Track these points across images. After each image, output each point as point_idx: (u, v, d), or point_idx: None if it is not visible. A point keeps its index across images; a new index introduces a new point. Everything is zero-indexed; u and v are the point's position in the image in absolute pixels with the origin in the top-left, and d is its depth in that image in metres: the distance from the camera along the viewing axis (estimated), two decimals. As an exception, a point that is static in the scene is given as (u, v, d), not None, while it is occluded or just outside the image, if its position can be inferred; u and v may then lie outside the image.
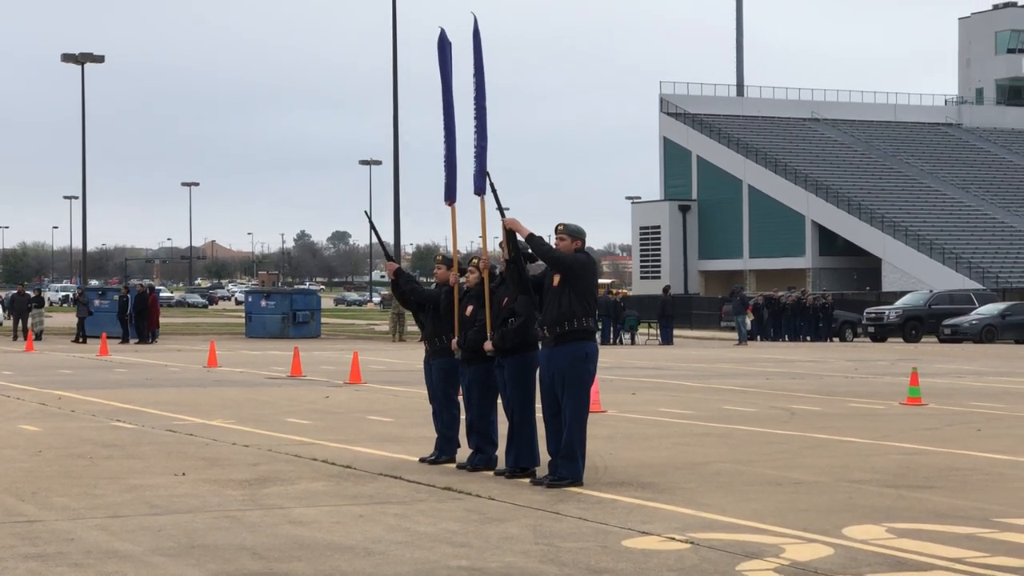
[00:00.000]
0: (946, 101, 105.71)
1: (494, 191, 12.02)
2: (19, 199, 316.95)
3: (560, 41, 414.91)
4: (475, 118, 12.56)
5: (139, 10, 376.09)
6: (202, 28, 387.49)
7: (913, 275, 77.41)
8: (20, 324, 46.56)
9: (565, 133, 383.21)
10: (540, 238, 11.36)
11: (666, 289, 55.15)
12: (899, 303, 55.47)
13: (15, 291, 49.06)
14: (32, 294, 48.06)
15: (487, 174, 12.18)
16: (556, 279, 11.31)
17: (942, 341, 50.26)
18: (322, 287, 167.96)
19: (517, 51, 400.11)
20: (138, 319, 45.34)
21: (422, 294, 13.21)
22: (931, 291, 58.69)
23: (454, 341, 12.59)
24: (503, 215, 11.71)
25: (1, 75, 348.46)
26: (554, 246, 11.44)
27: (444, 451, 12.97)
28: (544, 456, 11.74)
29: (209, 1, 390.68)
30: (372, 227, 12.38)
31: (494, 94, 12.44)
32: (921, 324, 52.58)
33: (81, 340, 44.79)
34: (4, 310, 58.09)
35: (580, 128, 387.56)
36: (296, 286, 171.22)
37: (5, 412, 18.62)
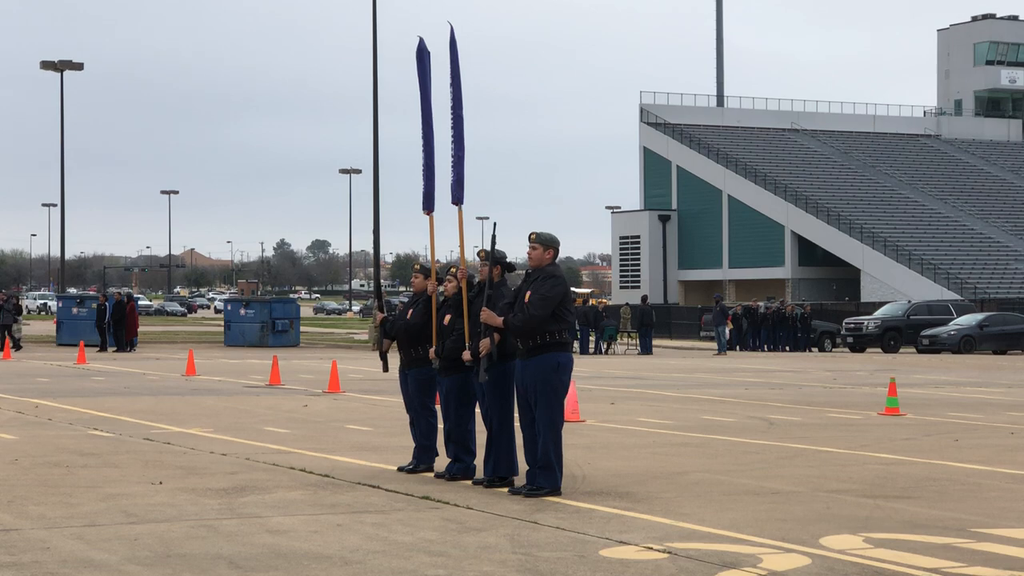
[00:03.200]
0: (925, 112, 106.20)
1: (493, 241, 11.89)
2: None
3: (540, 50, 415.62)
4: (452, 127, 12.57)
5: (118, 18, 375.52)
6: (182, 37, 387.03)
7: (892, 286, 77.70)
8: (-2, 332, 46.29)
9: (545, 143, 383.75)
10: (512, 319, 11.29)
11: (644, 299, 55.20)
12: (878, 313, 55.66)
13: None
14: (12, 302, 47.80)
15: (494, 226, 12.00)
16: (527, 296, 11.31)
17: (920, 352, 50.43)
18: (316, 295, 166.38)
19: (497, 60, 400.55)
20: (116, 327, 45.21)
21: (400, 327, 13.15)
22: (909, 301, 58.93)
23: (432, 350, 12.58)
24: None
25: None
26: (528, 254, 11.47)
27: (422, 460, 12.96)
28: (523, 465, 11.74)
29: (189, 10, 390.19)
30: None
31: (474, 103, 12.54)
32: (899, 335, 52.77)
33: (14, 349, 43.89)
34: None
35: (560, 138, 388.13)
36: (290, 294, 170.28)
37: (-19, 420, 18.52)
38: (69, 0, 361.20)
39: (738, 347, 53.02)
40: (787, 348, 53.48)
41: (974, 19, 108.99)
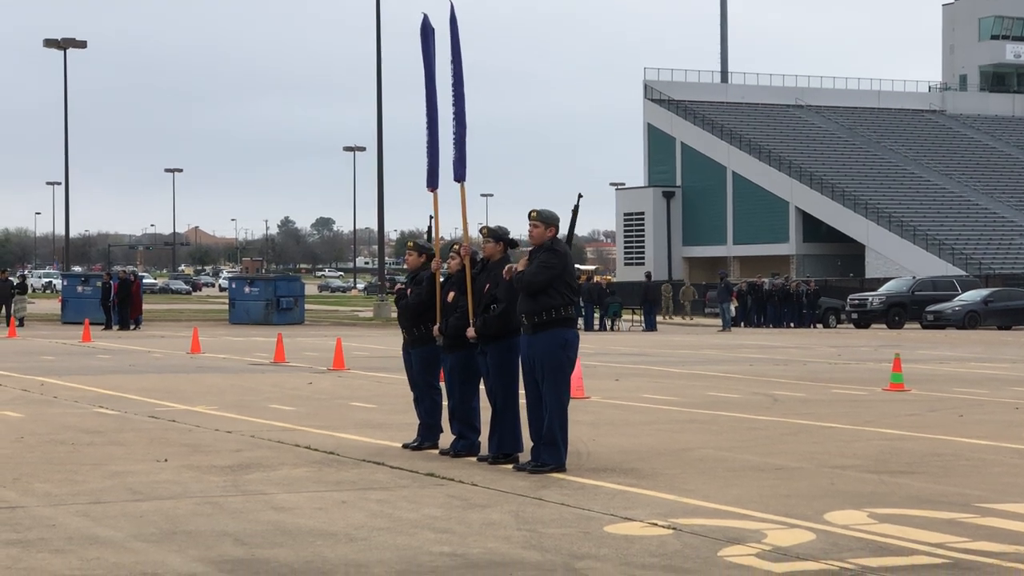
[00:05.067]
0: (930, 87, 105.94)
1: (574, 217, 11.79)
2: (1, 185, 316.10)
3: (543, 27, 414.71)
4: (453, 105, 12.56)
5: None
6: (186, 14, 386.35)
7: (896, 261, 77.60)
8: (3, 310, 46.40)
9: (549, 120, 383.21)
10: (516, 280, 11.31)
11: (648, 275, 55.21)
12: (882, 289, 55.64)
13: (-2, 277, 48.85)
14: (15, 280, 47.91)
15: (579, 196, 11.87)
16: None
17: (925, 327, 50.41)
18: (340, 273, 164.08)
19: (500, 37, 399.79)
20: (121, 306, 45.24)
21: (401, 306, 13.14)
22: (914, 277, 58.88)
23: (436, 327, 12.58)
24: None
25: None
26: (529, 232, 11.45)
27: (426, 437, 12.97)
28: (527, 442, 11.75)
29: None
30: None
31: (477, 80, 12.53)
32: (904, 310, 52.74)
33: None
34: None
35: (564, 115, 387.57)
36: (324, 272, 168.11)
37: (-13, 399, 18.56)
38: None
39: (743, 323, 53.01)
40: (791, 324, 53.46)
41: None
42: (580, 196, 11.78)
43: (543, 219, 11.47)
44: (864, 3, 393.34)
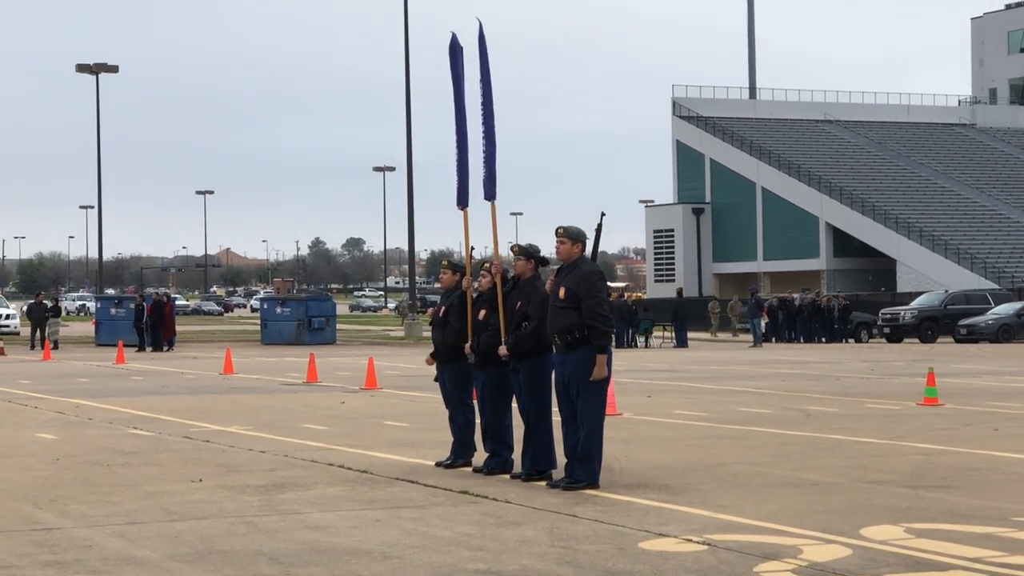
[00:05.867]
0: (959, 101, 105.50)
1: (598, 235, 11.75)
2: (35, 209, 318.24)
3: (572, 44, 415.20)
4: (483, 123, 12.59)
5: (152, 19, 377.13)
6: (214, 36, 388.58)
7: (928, 276, 77.20)
8: (38, 333, 46.67)
9: (578, 136, 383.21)
10: (603, 347, 11.18)
11: (679, 292, 55.08)
12: (914, 304, 55.34)
13: (33, 300, 49.16)
14: (49, 303, 48.18)
15: (602, 215, 11.83)
16: (562, 292, 11.30)
17: (958, 341, 50.13)
18: (379, 292, 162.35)
19: (529, 54, 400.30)
20: (154, 327, 45.43)
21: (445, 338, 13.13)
22: (946, 291, 58.53)
23: (467, 345, 12.60)
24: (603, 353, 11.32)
25: (17, 86, 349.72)
26: (556, 249, 11.47)
27: (460, 455, 12.97)
28: (560, 459, 11.74)
29: (222, 9, 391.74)
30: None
31: (506, 97, 12.54)
32: (937, 325, 52.45)
33: None
34: (22, 319, 58.27)
35: (593, 131, 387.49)
36: (364, 292, 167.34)
37: (23, 421, 18.67)
38: (103, 3, 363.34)
39: (774, 339, 52.84)
40: (823, 339, 53.25)
41: (1008, 7, 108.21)
42: (603, 214, 11.80)
43: (570, 235, 11.48)
44: (892, 18, 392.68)
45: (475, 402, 12.92)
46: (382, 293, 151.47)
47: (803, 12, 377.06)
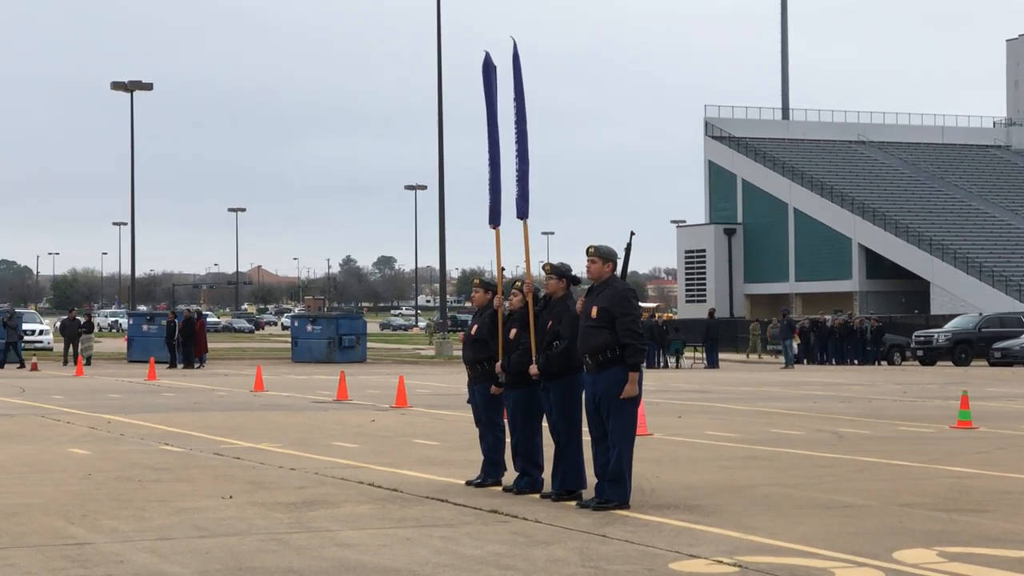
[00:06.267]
0: (994, 123, 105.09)
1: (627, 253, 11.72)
2: (69, 226, 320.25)
3: (604, 64, 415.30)
4: (516, 142, 12.59)
5: (187, 38, 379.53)
6: (248, 55, 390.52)
7: (962, 298, 76.84)
8: (71, 349, 46.92)
9: (610, 156, 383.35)
10: (636, 365, 11.23)
11: (711, 313, 54.99)
12: (948, 326, 55.04)
13: (66, 316, 49.43)
14: (82, 319, 48.44)
15: (632, 234, 11.81)
16: (594, 311, 11.28)
17: (992, 365, 49.82)
18: (417, 311, 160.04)
19: (561, 73, 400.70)
20: (185, 344, 45.60)
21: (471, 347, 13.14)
22: (980, 314, 58.19)
23: (498, 364, 12.58)
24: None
25: (52, 103, 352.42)
26: (587, 268, 11.47)
27: (490, 474, 12.95)
28: (591, 479, 11.71)
29: (256, 28, 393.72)
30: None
31: (538, 117, 12.56)
32: (971, 347, 52.12)
33: (19, 366, 44.07)
34: (55, 335, 58.62)
35: (625, 151, 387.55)
36: (401, 311, 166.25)
37: (55, 436, 18.76)
38: (138, 22, 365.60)
39: (805, 360, 52.66)
40: (855, 361, 53.02)
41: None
42: (632, 234, 11.78)
43: (601, 255, 11.47)
44: (927, 39, 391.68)
45: (505, 421, 12.90)
46: (415, 312, 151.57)
47: (837, 32, 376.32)
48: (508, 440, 12.80)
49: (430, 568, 8.79)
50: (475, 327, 13.04)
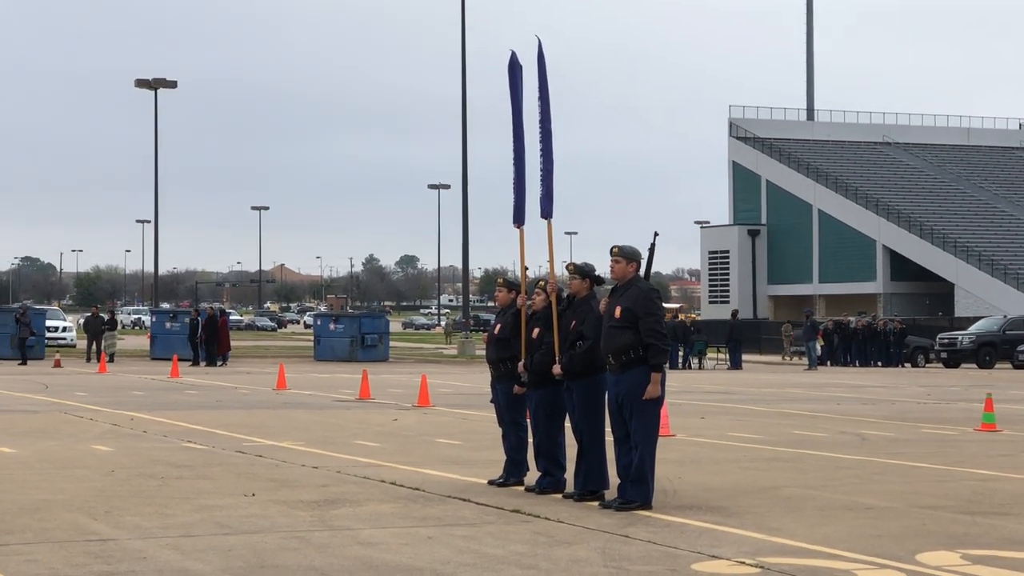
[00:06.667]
0: (1020, 124, 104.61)
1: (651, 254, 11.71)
2: (93, 223, 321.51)
3: (629, 64, 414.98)
4: (540, 141, 12.59)
5: (211, 36, 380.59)
6: (272, 54, 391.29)
7: (986, 300, 76.52)
8: (94, 346, 47.09)
9: (634, 156, 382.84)
10: (658, 365, 11.24)
11: (734, 314, 54.87)
12: (972, 328, 54.82)
13: (89, 314, 49.59)
14: (106, 316, 48.60)
15: (655, 234, 11.79)
16: (617, 311, 11.27)
17: (1017, 367, 49.61)
18: (447, 310, 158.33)
19: (585, 73, 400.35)
20: (208, 342, 45.71)
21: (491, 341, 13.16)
22: (1005, 316, 57.96)
23: (521, 363, 12.58)
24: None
25: (76, 101, 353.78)
26: (610, 268, 11.45)
27: (512, 474, 12.95)
28: (613, 479, 11.70)
29: (279, 27, 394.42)
30: (651, 251, 11.61)
31: (561, 116, 12.52)
32: (995, 350, 51.90)
33: (20, 363, 44.21)
34: (78, 332, 58.88)
35: (649, 151, 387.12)
36: (430, 311, 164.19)
37: (79, 432, 18.83)
38: (162, 19, 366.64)
39: (829, 362, 52.52)
40: (879, 363, 52.86)
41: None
42: (656, 234, 11.77)
43: (625, 255, 11.46)
44: (953, 40, 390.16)
45: (528, 421, 12.90)
46: (447, 311, 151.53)
47: (862, 33, 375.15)
48: (531, 440, 12.79)
49: (452, 567, 8.79)
50: (498, 326, 13.03)
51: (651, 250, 11.63)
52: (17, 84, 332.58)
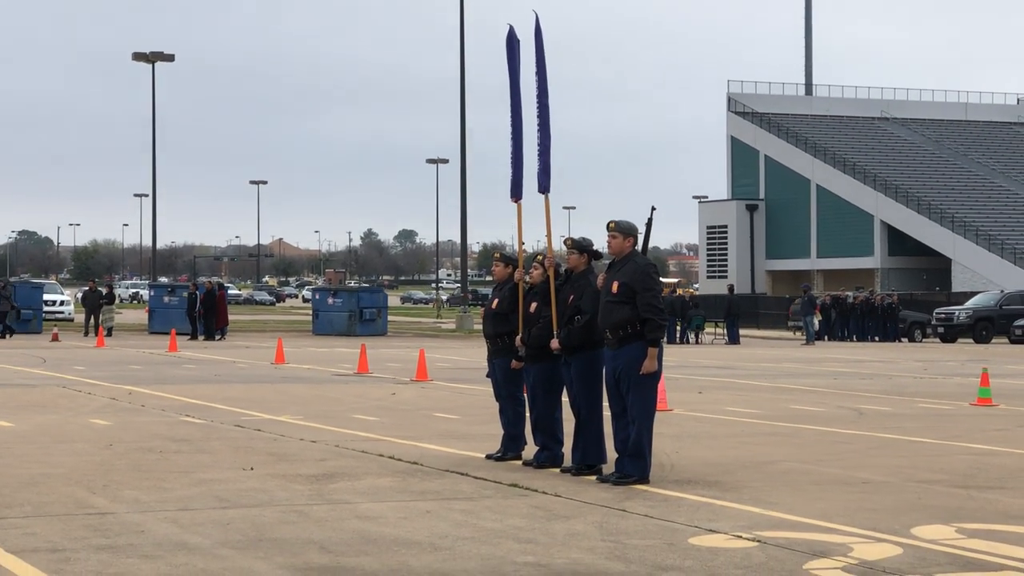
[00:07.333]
0: (1018, 100, 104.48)
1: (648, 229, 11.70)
2: (91, 197, 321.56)
3: (627, 39, 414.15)
4: (538, 116, 12.59)
5: (209, 9, 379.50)
6: (271, 27, 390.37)
7: (983, 275, 76.56)
8: (92, 320, 47.10)
9: (632, 131, 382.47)
10: (655, 340, 11.28)
11: (731, 288, 54.87)
12: (969, 303, 54.86)
13: (87, 287, 49.60)
14: (104, 290, 48.59)
15: (653, 209, 11.81)
16: (615, 286, 11.28)
17: (1013, 342, 49.67)
18: (456, 285, 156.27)
19: (584, 48, 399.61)
20: (207, 316, 45.72)
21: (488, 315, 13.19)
22: (1002, 291, 57.99)
23: (518, 337, 12.60)
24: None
25: (73, 74, 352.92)
26: (607, 243, 11.46)
27: (510, 448, 12.98)
28: (611, 453, 11.73)
29: (278, 1, 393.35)
30: (649, 226, 11.58)
31: (559, 91, 12.51)
32: (992, 325, 51.95)
33: (6, 336, 44.17)
34: (76, 306, 58.87)
35: (647, 126, 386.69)
36: (443, 284, 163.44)
37: (77, 407, 18.86)
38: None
39: (826, 337, 52.57)
40: (876, 338, 52.91)
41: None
42: (653, 209, 11.77)
43: (622, 229, 11.47)
44: (951, 15, 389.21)
45: (525, 395, 12.92)
46: (436, 285, 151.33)
47: (861, 8, 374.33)
48: (528, 414, 12.82)
49: (450, 541, 8.83)
50: (495, 301, 13.05)
51: (648, 225, 11.63)
52: (15, 57, 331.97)
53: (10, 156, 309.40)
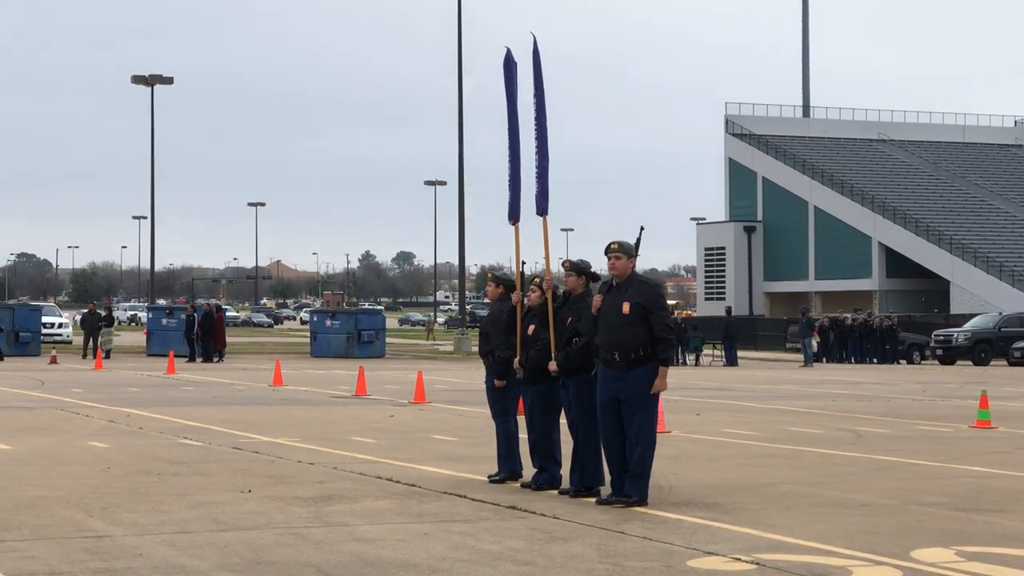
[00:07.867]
0: (1015, 122, 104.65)
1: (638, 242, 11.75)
2: (89, 219, 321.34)
3: (625, 60, 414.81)
4: (536, 138, 12.60)
5: (207, 31, 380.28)
6: (268, 49, 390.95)
7: (982, 297, 76.55)
8: (90, 342, 47.07)
9: (630, 153, 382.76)
10: (668, 359, 11.48)
11: (728, 310, 54.88)
12: (968, 325, 54.86)
13: (86, 310, 49.56)
14: (103, 313, 48.59)
15: (641, 228, 11.88)
16: (626, 307, 11.27)
17: (1012, 364, 49.66)
18: (453, 308, 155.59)
19: (582, 70, 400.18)
20: (204, 338, 45.70)
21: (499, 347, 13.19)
22: (1000, 313, 57.99)
23: (516, 360, 12.59)
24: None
25: (72, 96, 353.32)
26: (610, 265, 11.46)
27: (505, 468, 12.95)
28: (609, 475, 11.71)
29: (275, 22, 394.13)
30: (637, 244, 11.63)
31: (559, 113, 12.52)
32: (990, 347, 51.95)
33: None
34: (75, 328, 58.82)
35: (645, 148, 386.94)
36: (450, 306, 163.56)
37: (75, 429, 18.83)
38: (159, 15, 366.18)
39: (824, 359, 52.56)
40: (874, 360, 52.91)
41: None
42: (642, 228, 11.80)
43: (624, 250, 11.48)
44: (948, 38, 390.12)
45: (511, 417, 12.93)
46: (434, 307, 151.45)
47: (858, 30, 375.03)
48: (524, 436, 12.80)
49: (448, 563, 8.80)
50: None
51: (636, 244, 11.65)
52: (13, 79, 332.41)
53: (9, 178, 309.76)
